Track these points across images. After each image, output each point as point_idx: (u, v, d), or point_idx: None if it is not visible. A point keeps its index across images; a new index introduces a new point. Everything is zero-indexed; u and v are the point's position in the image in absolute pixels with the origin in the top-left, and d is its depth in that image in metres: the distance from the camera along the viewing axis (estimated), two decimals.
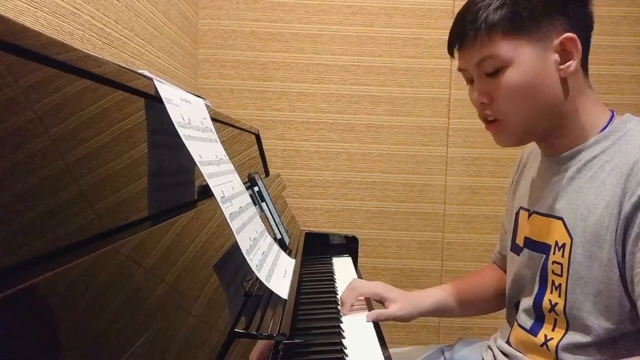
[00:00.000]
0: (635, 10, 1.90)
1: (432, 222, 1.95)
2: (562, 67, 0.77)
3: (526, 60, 0.77)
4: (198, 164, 0.62)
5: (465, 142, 1.92)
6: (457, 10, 1.83)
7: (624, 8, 1.90)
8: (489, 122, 0.83)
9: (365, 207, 1.94)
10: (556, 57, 0.77)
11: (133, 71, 0.57)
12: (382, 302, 1.02)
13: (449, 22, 2.04)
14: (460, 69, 0.86)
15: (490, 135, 0.86)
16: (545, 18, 0.76)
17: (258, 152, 1.60)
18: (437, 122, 1.92)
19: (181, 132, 0.61)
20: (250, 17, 1.88)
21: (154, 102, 0.61)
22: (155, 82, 0.61)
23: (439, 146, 1.93)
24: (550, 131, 0.82)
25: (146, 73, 0.62)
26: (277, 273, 0.72)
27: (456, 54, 0.85)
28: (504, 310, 1.02)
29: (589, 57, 0.82)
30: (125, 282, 0.41)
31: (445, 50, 0.87)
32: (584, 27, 0.79)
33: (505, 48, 0.77)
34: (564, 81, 0.78)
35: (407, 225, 1.95)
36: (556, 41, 0.76)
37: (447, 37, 0.85)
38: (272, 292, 0.67)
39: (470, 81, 0.85)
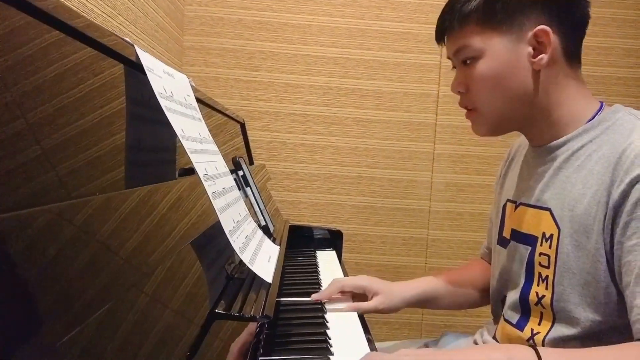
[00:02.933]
0: (623, 12, 1.91)
1: (417, 218, 1.93)
2: (534, 59, 0.77)
3: (497, 52, 0.78)
4: (180, 137, 0.58)
5: (453, 139, 1.91)
6: None
7: (612, 10, 1.90)
8: (467, 111, 0.85)
9: (351, 202, 1.92)
10: (529, 49, 0.77)
11: (113, 33, 0.53)
12: (366, 294, 0.99)
13: None
14: (448, 57, 0.88)
15: None
16: (519, 10, 0.77)
17: (243, 142, 1.57)
18: (425, 118, 1.91)
19: (162, 103, 0.58)
20: (238, 4, 1.84)
21: (135, 71, 0.58)
22: (137, 50, 0.58)
23: (426, 142, 1.92)
24: (530, 121, 0.82)
25: (128, 40, 0.59)
26: (261, 257, 0.69)
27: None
28: (489, 306, 1.00)
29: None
30: (97, 254, 0.38)
31: (435, 46, 0.90)
32: (566, 20, 0.78)
33: (476, 39, 0.79)
34: (538, 73, 0.78)
35: (392, 221, 1.93)
36: (530, 33, 0.76)
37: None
38: (255, 276, 0.63)
39: (454, 69, 0.87)
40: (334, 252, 1.45)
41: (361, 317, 0.90)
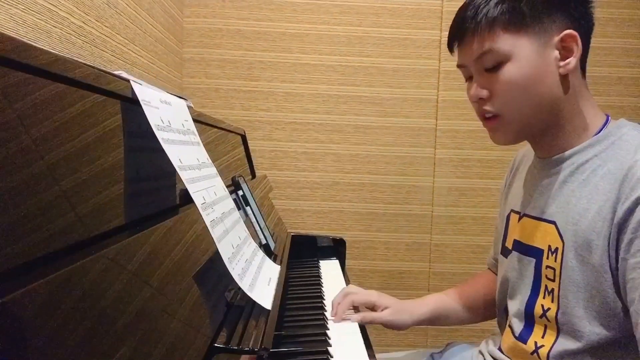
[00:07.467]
0: (623, 12, 1.91)
1: (420, 223, 1.94)
2: (561, 64, 0.76)
3: (525, 55, 0.76)
4: (178, 169, 0.59)
5: (454, 144, 1.91)
6: (445, 11, 1.82)
7: (611, 10, 1.90)
8: (487, 119, 0.82)
9: (353, 208, 1.93)
10: (556, 53, 0.76)
11: (109, 73, 0.54)
12: (374, 309, 1.00)
13: (438, 23, 2.03)
14: (459, 66, 0.84)
15: (478, 136, 0.84)
16: (546, 14, 0.76)
17: (244, 153, 1.58)
18: (425, 123, 1.91)
19: (160, 135, 0.59)
20: (236, 15, 1.85)
21: (132, 104, 0.59)
22: (133, 84, 0.59)
23: (427, 147, 1.92)
24: (547, 130, 0.81)
25: (123, 74, 0.60)
26: (261, 281, 0.69)
27: (456, 51, 0.83)
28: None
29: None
30: (98, 292, 0.39)
31: (433, 51, 0.86)
32: (584, 27, 0.78)
33: (504, 43, 0.76)
34: (563, 78, 0.77)
35: (395, 227, 1.93)
36: (556, 38, 0.76)
37: (435, 38, 0.84)
38: (255, 302, 0.64)
39: (468, 78, 0.84)
40: (337, 261, 1.46)
41: (364, 333, 0.91)
